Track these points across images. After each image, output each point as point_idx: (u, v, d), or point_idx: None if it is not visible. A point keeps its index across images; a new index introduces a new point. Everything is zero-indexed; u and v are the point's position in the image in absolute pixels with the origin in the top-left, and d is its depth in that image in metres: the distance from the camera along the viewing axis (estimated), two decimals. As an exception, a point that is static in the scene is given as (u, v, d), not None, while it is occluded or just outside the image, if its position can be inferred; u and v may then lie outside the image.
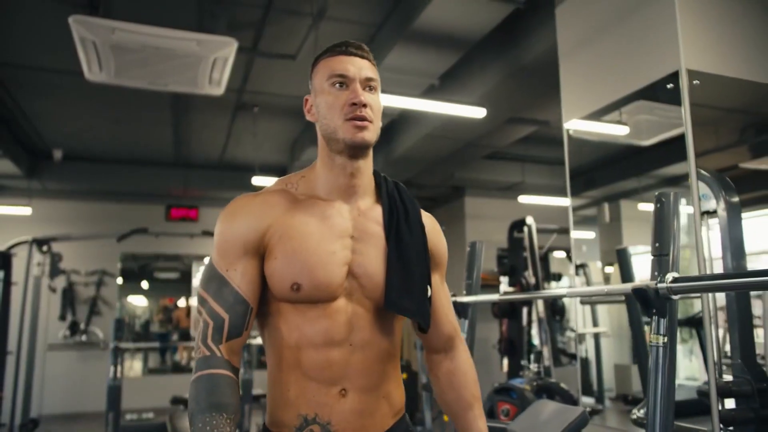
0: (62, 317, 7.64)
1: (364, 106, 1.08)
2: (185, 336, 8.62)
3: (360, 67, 1.11)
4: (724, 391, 2.24)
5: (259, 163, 6.73)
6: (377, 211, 1.16)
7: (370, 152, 1.14)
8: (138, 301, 8.84)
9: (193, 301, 9.42)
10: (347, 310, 1.09)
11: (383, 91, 1.24)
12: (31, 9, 3.74)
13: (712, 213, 2.49)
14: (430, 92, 4.68)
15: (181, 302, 9.31)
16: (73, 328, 7.68)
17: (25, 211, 6.98)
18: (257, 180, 6.03)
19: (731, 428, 2.16)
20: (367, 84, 1.11)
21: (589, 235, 3.20)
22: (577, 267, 3.21)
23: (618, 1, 2.71)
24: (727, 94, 2.47)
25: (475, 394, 1.25)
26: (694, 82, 2.33)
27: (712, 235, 2.49)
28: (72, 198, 7.87)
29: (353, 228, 1.12)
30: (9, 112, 5.65)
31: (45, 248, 6.13)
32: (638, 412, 2.89)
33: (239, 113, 5.70)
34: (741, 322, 2.40)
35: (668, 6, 2.40)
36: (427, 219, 1.25)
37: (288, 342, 1.08)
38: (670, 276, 1.55)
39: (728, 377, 2.29)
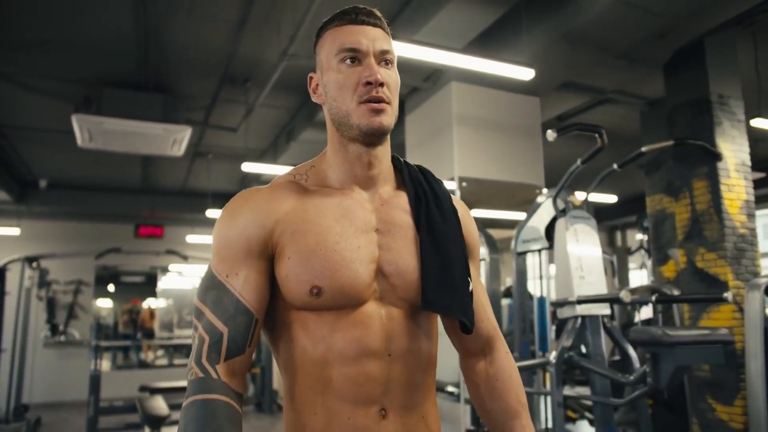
0: (48, 321, 8.92)
1: (381, 85, 0.92)
2: (149, 335, 10.01)
3: (374, 38, 0.94)
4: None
5: (212, 191, 8.16)
6: (402, 198, 1.01)
7: (389, 137, 0.99)
8: (107, 304, 10.12)
9: (157, 303, 10.69)
10: (381, 315, 0.92)
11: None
12: (38, 100, 5.10)
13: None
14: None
15: (146, 304, 10.58)
16: (54, 330, 8.95)
17: (14, 231, 8.23)
18: (211, 213, 7.44)
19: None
20: (383, 57, 0.95)
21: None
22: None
23: (429, 125, 4.28)
24: (485, 190, 4.06)
25: (522, 400, 1.06)
26: (463, 184, 3.91)
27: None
28: (55, 219, 9.17)
29: (377, 220, 0.97)
30: (6, 154, 6.95)
31: (34, 264, 7.46)
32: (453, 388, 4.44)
33: (197, 158, 7.13)
34: (521, 320, 3.96)
35: (450, 134, 3.97)
36: (458, 203, 1.09)
37: (312, 357, 0.91)
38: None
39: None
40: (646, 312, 5.48)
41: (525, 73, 3.11)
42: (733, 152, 4.22)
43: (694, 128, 4.28)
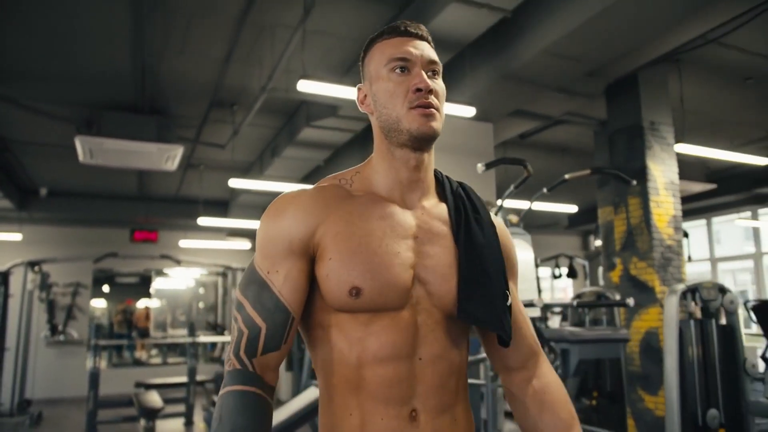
0: (48, 321, 9.41)
1: (430, 92, 0.95)
2: (144, 335, 10.53)
3: (422, 49, 0.98)
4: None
5: (203, 198, 8.67)
6: (442, 210, 1.03)
7: (433, 146, 1.01)
8: (101, 304, 10.63)
9: (151, 303, 11.16)
10: (414, 321, 0.94)
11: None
12: (42, 120, 5.60)
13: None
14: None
15: (141, 304, 11.03)
16: (53, 330, 9.43)
17: (16, 237, 8.71)
18: (202, 220, 7.95)
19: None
20: (431, 68, 0.98)
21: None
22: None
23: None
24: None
25: (572, 413, 1.05)
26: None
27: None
28: (54, 225, 9.64)
29: (417, 227, 0.98)
30: (9, 164, 7.44)
31: (36, 268, 7.97)
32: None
33: (189, 169, 7.64)
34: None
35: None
36: (496, 221, 1.09)
37: (348, 359, 0.93)
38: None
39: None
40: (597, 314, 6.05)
41: (467, 111, 3.64)
42: (663, 173, 4.78)
43: (629, 151, 4.84)
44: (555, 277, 9.71)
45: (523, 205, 6.27)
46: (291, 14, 3.82)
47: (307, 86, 3.37)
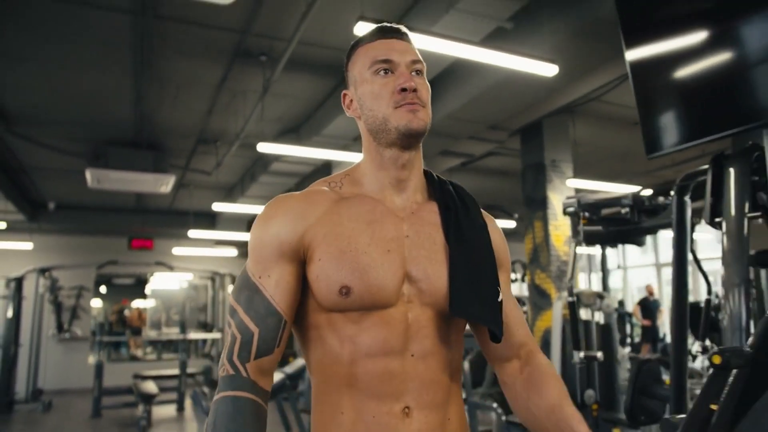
0: (57, 321, 10.49)
1: (415, 90, 0.98)
2: (137, 333, 11.64)
3: (403, 50, 1.02)
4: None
5: (194, 211, 9.75)
6: (432, 209, 1.05)
7: (421, 145, 1.04)
8: (98, 304, 11.69)
9: (147, 303, 12.18)
10: (406, 318, 0.96)
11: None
12: (53, 154, 6.71)
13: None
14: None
15: (135, 305, 12.00)
16: (60, 328, 10.50)
17: (27, 246, 9.72)
18: (192, 233, 9.06)
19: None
20: (413, 67, 1.01)
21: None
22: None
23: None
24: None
25: (563, 391, 1.02)
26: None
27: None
28: (61, 235, 10.71)
29: (408, 227, 1.00)
30: (23, 184, 8.53)
31: (47, 274, 9.07)
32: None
33: (181, 188, 8.75)
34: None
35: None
36: (487, 217, 1.12)
37: (340, 356, 0.95)
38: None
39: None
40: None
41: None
42: (560, 201, 5.92)
43: (536, 183, 5.99)
44: (512, 281, 10.87)
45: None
46: (257, 83, 4.95)
47: (265, 147, 4.52)
